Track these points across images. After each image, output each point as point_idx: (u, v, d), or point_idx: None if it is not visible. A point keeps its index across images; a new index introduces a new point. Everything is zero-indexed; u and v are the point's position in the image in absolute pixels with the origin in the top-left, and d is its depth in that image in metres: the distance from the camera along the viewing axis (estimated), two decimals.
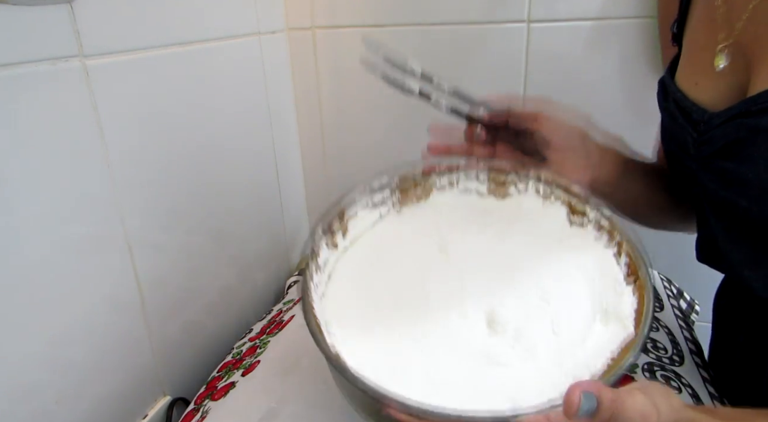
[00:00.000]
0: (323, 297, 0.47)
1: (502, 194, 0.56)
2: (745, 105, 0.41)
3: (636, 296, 0.43)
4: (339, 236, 0.51)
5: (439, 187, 0.57)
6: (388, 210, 0.55)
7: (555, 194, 0.53)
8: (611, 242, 0.48)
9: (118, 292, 0.58)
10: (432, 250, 0.52)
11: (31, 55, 0.46)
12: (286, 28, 0.90)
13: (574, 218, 0.52)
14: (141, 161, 0.59)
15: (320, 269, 0.48)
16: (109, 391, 0.58)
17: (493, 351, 0.42)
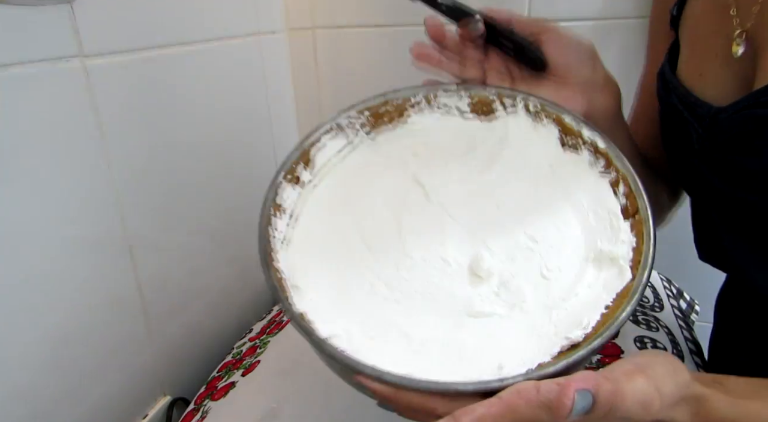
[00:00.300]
0: (288, 244, 0.41)
1: (487, 112, 0.48)
2: (753, 97, 0.40)
3: (634, 233, 0.39)
4: (300, 169, 0.44)
5: (414, 103, 0.49)
6: (357, 135, 0.47)
7: (546, 110, 0.46)
8: (608, 170, 0.43)
9: (118, 292, 0.58)
10: (407, 183, 0.45)
11: (31, 55, 0.46)
12: (286, 28, 0.90)
13: (568, 139, 0.46)
14: (141, 161, 0.59)
15: (281, 211, 0.41)
16: (109, 391, 0.58)
17: (477, 300, 0.38)
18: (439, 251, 0.41)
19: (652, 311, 0.67)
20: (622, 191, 0.41)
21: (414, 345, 0.36)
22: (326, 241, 0.42)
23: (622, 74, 0.80)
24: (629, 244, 0.38)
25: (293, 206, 0.43)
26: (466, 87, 0.48)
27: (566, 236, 0.41)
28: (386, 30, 0.87)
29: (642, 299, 0.51)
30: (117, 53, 0.55)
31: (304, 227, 0.42)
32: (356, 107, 0.47)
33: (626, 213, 0.40)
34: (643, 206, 0.39)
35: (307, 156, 0.44)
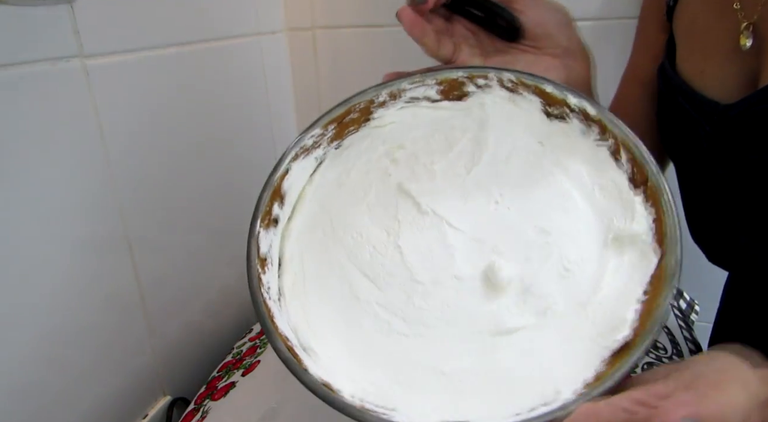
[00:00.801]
0: (283, 297, 0.37)
1: (459, 95, 0.43)
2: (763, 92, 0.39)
3: (650, 204, 0.35)
4: (276, 207, 0.40)
5: (379, 103, 0.43)
6: (325, 152, 0.42)
7: (524, 83, 0.41)
8: (604, 137, 0.38)
9: (118, 292, 0.58)
10: (393, 196, 0.40)
11: (31, 55, 0.46)
12: (286, 28, 0.90)
13: (552, 109, 0.41)
14: (141, 161, 0.59)
15: (267, 264, 0.38)
16: (109, 391, 0.58)
17: (502, 314, 0.34)
18: (449, 268, 0.37)
19: None
20: (624, 159, 0.37)
21: (452, 382, 0.32)
22: (322, 283, 0.37)
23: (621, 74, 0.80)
24: (647, 217, 0.35)
25: (278, 253, 0.39)
26: (433, 73, 0.43)
27: (577, 219, 0.37)
28: (386, 30, 0.87)
29: None
30: (117, 53, 0.55)
31: (293, 272, 0.38)
32: (319, 122, 0.42)
33: (635, 183, 0.36)
34: (653, 172, 0.35)
35: (278, 192, 0.40)
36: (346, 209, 0.40)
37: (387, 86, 0.44)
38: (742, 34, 0.42)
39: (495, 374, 0.32)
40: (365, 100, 0.43)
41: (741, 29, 0.42)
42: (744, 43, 0.42)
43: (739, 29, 0.42)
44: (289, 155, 0.42)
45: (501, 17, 0.43)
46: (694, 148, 0.47)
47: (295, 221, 0.40)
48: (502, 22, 0.43)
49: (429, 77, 0.43)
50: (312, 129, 0.42)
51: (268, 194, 0.40)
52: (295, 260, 0.39)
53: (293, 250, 0.39)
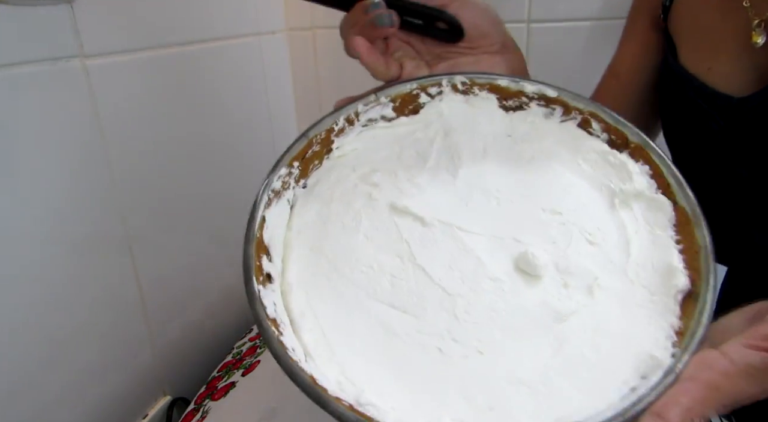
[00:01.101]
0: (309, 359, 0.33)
1: (414, 108, 0.43)
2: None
3: (642, 162, 0.35)
4: (265, 261, 0.37)
5: (338, 131, 0.42)
6: (294, 192, 0.40)
7: (476, 83, 0.41)
8: (569, 114, 0.39)
9: (118, 292, 0.58)
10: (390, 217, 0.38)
11: (31, 55, 0.46)
12: (286, 28, 0.90)
13: (509, 102, 0.42)
14: (141, 161, 0.59)
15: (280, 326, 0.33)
16: (109, 391, 0.58)
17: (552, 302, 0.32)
18: (480, 272, 0.34)
19: None
20: (598, 129, 0.38)
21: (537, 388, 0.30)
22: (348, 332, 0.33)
23: None
24: (644, 173, 0.35)
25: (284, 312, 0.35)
26: (384, 90, 0.43)
27: (578, 194, 0.37)
28: None
29: None
30: (117, 53, 0.55)
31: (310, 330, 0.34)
32: (283, 160, 0.40)
33: (616, 146, 0.37)
34: (632, 131, 0.36)
35: (262, 245, 0.37)
36: (342, 246, 0.37)
37: (342, 112, 0.43)
38: (754, 31, 0.43)
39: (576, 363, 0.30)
40: (324, 129, 0.42)
41: (753, 26, 0.43)
42: (756, 40, 0.42)
43: (749, 26, 0.43)
44: (262, 203, 0.38)
45: (441, 20, 0.43)
46: (706, 142, 0.47)
47: (289, 274, 0.37)
48: (442, 25, 0.44)
49: (382, 96, 0.43)
50: (278, 170, 0.39)
51: (252, 248, 0.37)
52: (306, 316, 0.34)
53: (300, 305, 0.35)
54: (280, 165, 0.40)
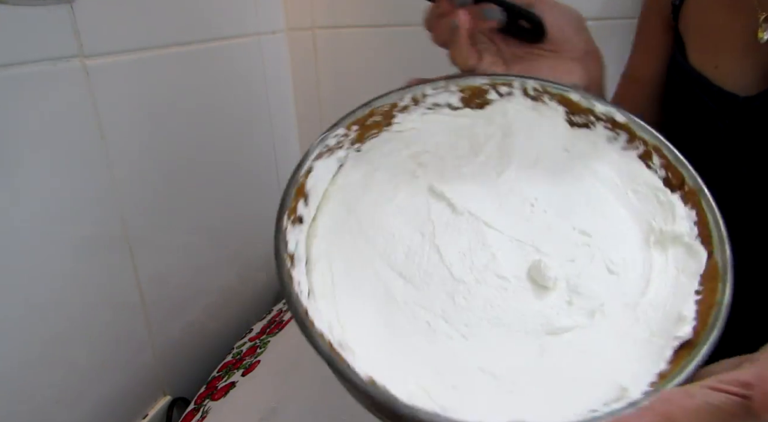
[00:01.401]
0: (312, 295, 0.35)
1: (481, 103, 0.43)
2: None
3: (690, 206, 0.35)
4: (300, 205, 0.37)
5: (402, 108, 0.43)
6: (347, 153, 0.41)
7: (548, 91, 0.41)
8: (633, 143, 0.39)
9: (118, 292, 0.58)
10: (426, 198, 0.39)
11: (31, 55, 0.46)
12: (286, 29, 0.90)
13: (576, 118, 0.41)
14: (141, 161, 0.59)
15: (293, 260, 0.36)
16: (109, 391, 0.58)
17: (551, 314, 0.33)
18: (491, 267, 0.35)
19: None
20: (658, 164, 0.37)
21: (504, 384, 0.31)
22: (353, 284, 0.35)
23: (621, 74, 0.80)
24: (689, 218, 0.35)
25: (304, 252, 0.37)
26: (455, 79, 0.43)
27: (616, 222, 0.37)
28: (386, 30, 0.87)
29: None
30: (117, 53, 0.55)
31: (321, 272, 0.36)
32: (342, 122, 0.41)
33: (671, 185, 0.36)
34: (690, 175, 0.35)
35: (302, 190, 0.38)
36: (375, 210, 0.39)
37: (410, 91, 0.43)
38: (761, 27, 0.42)
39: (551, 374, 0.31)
40: (388, 103, 0.43)
41: (759, 22, 0.42)
42: (762, 36, 0.42)
43: (756, 23, 0.42)
44: (313, 153, 0.39)
45: (525, 19, 0.43)
46: (710, 141, 0.47)
47: (319, 221, 0.38)
48: (525, 24, 0.44)
49: (452, 84, 0.43)
50: (335, 129, 0.40)
51: (293, 190, 0.38)
52: (322, 260, 0.36)
53: (320, 250, 0.37)
54: (338, 125, 0.40)
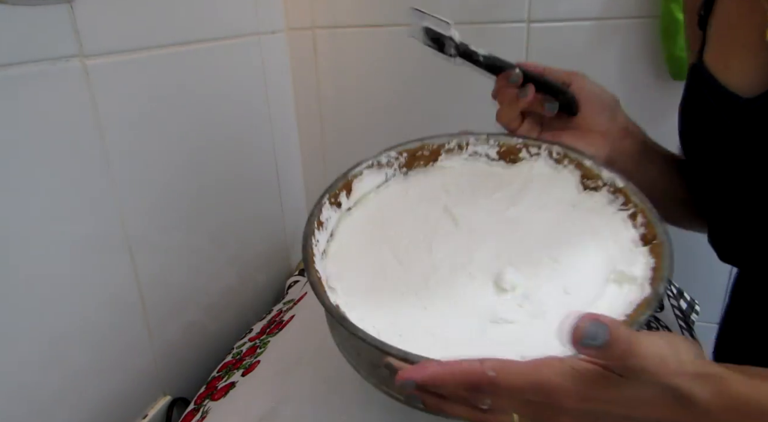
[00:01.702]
0: (324, 255, 0.45)
1: (513, 159, 0.53)
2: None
3: (653, 255, 0.42)
4: (342, 195, 0.49)
5: (447, 149, 0.54)
6: (394, 172, 0.53)
7: (569, 157, 0.51)
8: (627, 206, 0.46)
9: (118, 292, 0.58)
10: (438, 213, 0.50)
11: (31, 55, 0.46)
12: (286, 28, 0.90)
13: (588, 182, 0.50)
14: (141, 161, 0.59)
15: (322, 227, 0.46)
16: (109, 391, 0.58)
17: (501, 309, 0.41)
18: (466, 267, 0.44)
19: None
20: (640, 222, 0.45)
21: (440, 343, 0.38)
22: (360, 257, 0.46)
23: (622, 74, 0.80)
24: (647, 265, 0.41)
25: (333, 226, 0.48)
26: (496, 136, 0.54)
27: (588, 260, 0.44)
28: (386, 30, 0.87)
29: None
30: (117, 53, 0.55)
31: (340, 243, 0.47)
32: (396, 148, 0.53)
33: (645, 239, 0.43)
34: (662, 231, 0.42)
35: (349, 185, 0.50)
36: (397, 213, 0.50)
37: (457, 137, 0.54)
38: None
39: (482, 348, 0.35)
40: (437, 143, 0.54)
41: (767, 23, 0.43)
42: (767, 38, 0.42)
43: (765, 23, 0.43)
44: (366, 163, 0.52)
45: (562, 96, 0.52)
46: (714, 140, 0.47)
47: (354, 212, 0.50)
48: (562, 100, 0.52)
49: (492, 139, 0.54)
50: (389, 151, 0.53)
51: (341, 183, 0.49)
52: (344, 235, 0.48)
53: (345, 229, 0.48)
54: (392, 149, 0.53)
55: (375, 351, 0.36)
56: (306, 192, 1.04)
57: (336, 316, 0.37)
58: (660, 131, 0.82)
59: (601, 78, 0.81)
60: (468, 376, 0.31)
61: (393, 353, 0.35)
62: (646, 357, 0.29)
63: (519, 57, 0.82)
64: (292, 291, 0.84)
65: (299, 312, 0.69)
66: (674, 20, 0.72)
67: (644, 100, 0.80)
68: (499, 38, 0.82)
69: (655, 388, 0.30)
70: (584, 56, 0.80)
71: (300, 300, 0.74)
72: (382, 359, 0.35)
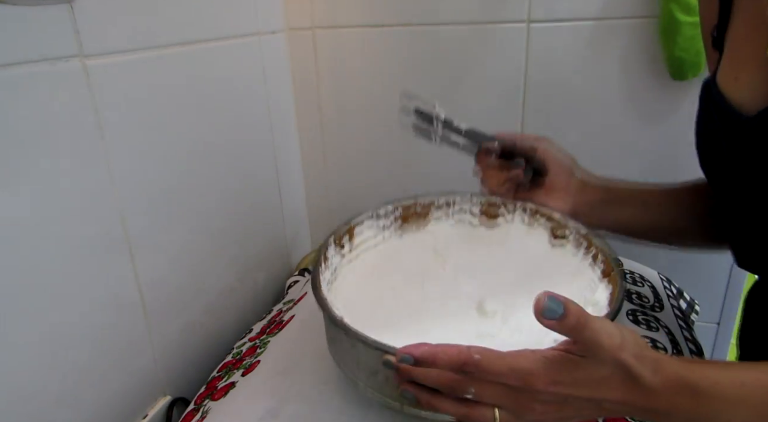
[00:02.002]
0: (329, 287, 0.52)
1: (494, 215, 0.65)
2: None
3: (610, 285, 0.50)
4: (345, 239, 0.59)
5: (437, 206, 0.66)
6: (391, 223, 0.64)
7: (538, 221, 0.62)
8: (588, 253, 0.56)
9: (118, 292, 0.58)
10: (429, 257, 0.60)
11: (31, 55, 0.46)
12: (286, 28, 0.90)
13: (555, 241, 0.61)
14: (141, 161, 0.59)
15: (327, 262, 0.54)
16: (109, 391, 0.58)
17: (484, 328, 0.49)
18: (454, 298, 0.53)
19: (652, 311, 0.67)
20: (600, 260, 0.54)
21: None
22: (359, 289, 0.55)
23: (622, 74, 0.80)
24: (607, 291, 0.50)
25: (336, 263, 0.57)
26: (478, 196, 0.66)
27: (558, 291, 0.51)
28: (386, 30, 0.87)
29: (642, 299, 0.69)
30: (117, 53, 0.55)
31: (342, 278, 0.56)
32: (392, 203, 0.64)
33: (604, 274, 0.53)
34: (617, 268, 0.51)
35: (351, 231, 0.60)
36: (393, 256, 0.60)
37: (445, 195, 0.66)
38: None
39: None
40: (428, 200, 0.66)
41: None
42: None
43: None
44: (367, 214, 0.62)
45: (534, 161, 0.61)
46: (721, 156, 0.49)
47: (355, 253, 0.60)
48: (534, 163, 0.61)
49: (475, 198, 0.66)
50: (387, 205, 0.64)
51: (344, 229, 0.59)
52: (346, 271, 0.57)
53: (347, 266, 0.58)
54: (389, 204, 0.64)
55: (375, 352, 0.41)
56: (306, 192, 1.04)
57: (340, 324, 0.43)
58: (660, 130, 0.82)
59: (601, 78, 0.81)
60: (457, 355, 0.36)
61: (392, 351, 0.39)
62: (598, 332, 0.34)
63: (519, 57, 0.82)
64: (292, 291, 0.84)
65: (299, 312, 0.69)
66: (674, 20, 0.72)
67: (644, 100, 0.80)
68: (499, 38, 0.82)
69: (609, 366, 0.35)
70: (584, 56, 0.80)
71: (300, 300, 0.74)
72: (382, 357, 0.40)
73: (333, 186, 1.01)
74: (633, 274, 0.75)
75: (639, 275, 0.75)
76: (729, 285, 0.89)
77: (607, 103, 0.82)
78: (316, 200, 1.04)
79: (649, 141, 0.83)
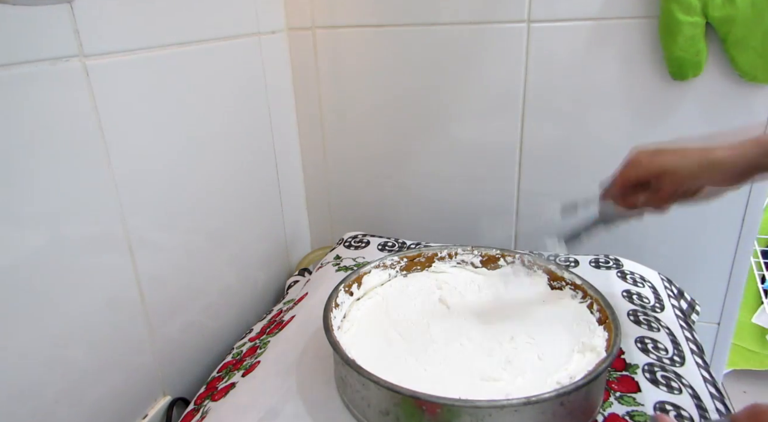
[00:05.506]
0: (339, 330, 0.56)
1: (494, 266, 0.69)
2: None
3: (606, 331, 0.54)
4: (354, 286, 0.63)
5: (440, 257, 0.70)
6: (396, 273, 0.68)
7: (537, 263, 0.66)
8: (585, 299, 0.60)
9: (118, 292, 0.58)
10: (434, 302, 0.64)
11: (31, 55, 0.46)
12: (286, 28, 0.90)
13: (554, 282, 0.64)
14: (141, 160, 0.59)
15: (338, 308, 0.58)
16: (109, 391, 0.58)
17: (488, 371, 0.52)
18: (458, 340, 0.57)
19: (653, 311, 0.67)
20: (596, 309, 0.58)
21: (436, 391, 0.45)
22: (368, 333, 0.58)
23: (622, 74, 0.80)
24: (603, 337, 0.54)
25: (346, 309, 0.60)
26: (479, 248, 0.70)
27: (557, 337, 0.56)
28: (386, 30, 0.87)
29: (642, 300, 0.70)
30: (117, 53, 0.55)
31: (351, 322, 0.60)
32: (398, 253, 0.68)
33: (600, 321, 0.56)
34: (612, 315, 0.54)
35: (360, 279, 0.64)
36: (399, 302, 0.64)
37: (447, 248, 0.70)
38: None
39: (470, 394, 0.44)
40: (431, 252, 0.70)
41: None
42: None
43: None
44: (374, 263, 0.66)
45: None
46: None
47: (363, 300, 0.64)
48: None
49: (476, 249, 0.70)
50: (393, 255, 0.68)
51: (353, 278, 0.63)
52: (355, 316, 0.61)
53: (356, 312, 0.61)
54: (394, 254, 0.68)
55: (387, 392, 0.44)
56: (306, 192, 1.04)
57: (353, 365, 0.46)
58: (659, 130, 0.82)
59: (601, 78, 0.81)
60: None
61: (403, 393, 0.42)
62: None
63: (519, 57, 0.82)
64: (292, 291, 0.84)
65: (299, 312, 0.69)
66: (674, 20, 0.72)
67: (644, 100, 0.80)
68: (499, 38, 0.82)
69: None
70: (584, 56, 0.80)
71: (300, 300, 0.74)
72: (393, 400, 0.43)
73: (333, 186, 1.01)
74: (633, 274, 0.75)
75: (639, 276, 0.75)
76: (729, 285, 0.88)
77: (607, 103, 0.82)
78: (316, 200, 1.04)
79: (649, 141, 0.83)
